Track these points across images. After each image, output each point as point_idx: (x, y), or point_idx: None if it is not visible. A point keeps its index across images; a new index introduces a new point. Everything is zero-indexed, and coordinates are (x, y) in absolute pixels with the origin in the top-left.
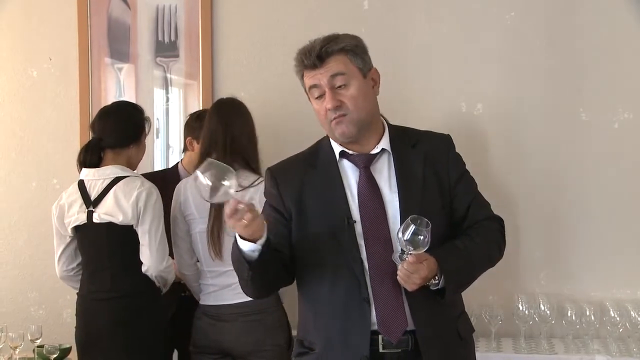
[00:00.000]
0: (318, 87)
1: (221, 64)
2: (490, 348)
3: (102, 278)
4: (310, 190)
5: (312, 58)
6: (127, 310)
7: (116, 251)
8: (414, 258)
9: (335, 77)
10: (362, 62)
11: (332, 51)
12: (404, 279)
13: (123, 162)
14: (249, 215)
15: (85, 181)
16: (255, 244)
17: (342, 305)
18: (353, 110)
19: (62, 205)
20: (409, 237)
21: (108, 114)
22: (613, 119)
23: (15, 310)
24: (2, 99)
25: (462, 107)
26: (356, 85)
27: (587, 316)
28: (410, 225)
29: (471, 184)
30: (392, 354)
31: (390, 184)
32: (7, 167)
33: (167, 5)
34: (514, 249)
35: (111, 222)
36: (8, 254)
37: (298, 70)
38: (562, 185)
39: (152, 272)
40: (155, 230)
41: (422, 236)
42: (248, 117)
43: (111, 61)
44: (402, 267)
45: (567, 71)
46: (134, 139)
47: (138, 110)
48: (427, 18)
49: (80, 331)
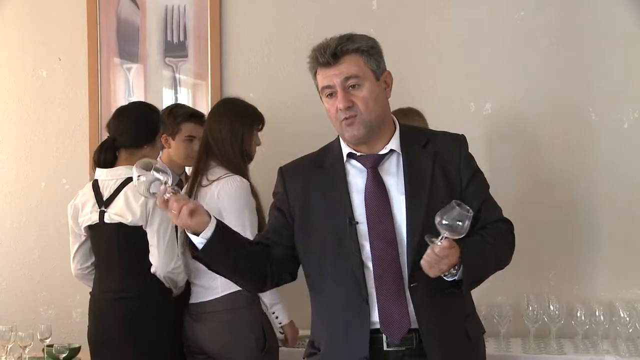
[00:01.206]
0: (331, 87)
1: (230, 64)
2: (499, 348)
3: (112, 278)
4: (315, 190)
5: (326, 56)
6: (135, 311)
7: (126, 251)
8: (449, 242)
9: (348, 79)
10: (376, 64)
11: (347, 50)
12: (432, 264)
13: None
14: (175, 205)
15: (99, 181)
16: (198, 237)
17: (342, 305)
18: (364, 112)
19: (77, 205)
20: (451, 221)
21: (124, 113)
22: (623, 118)
23: (25, 309)
24: (12, 99)
25: (471, 106)
26: (368, 87)
27: (596, 316)
28: (455, 209)
29: (483, 185)
30: (397, 352)
31: (398, 184)
32: (16, 167)
33: (176, 5)
34: (523, 248)
35: (121, 223)
36: (18, 253)
37: (312, 67)
38: (571, 185)
39: (160, 273)
40: (164, 231)
41: (463, 223)
42: (232, 116)
43: (120, 61)
44: (433, 252)
45: (577, 71)
46: (148, 139)
47: (154, 110)
48: (436, 18)
49: (91, 330)
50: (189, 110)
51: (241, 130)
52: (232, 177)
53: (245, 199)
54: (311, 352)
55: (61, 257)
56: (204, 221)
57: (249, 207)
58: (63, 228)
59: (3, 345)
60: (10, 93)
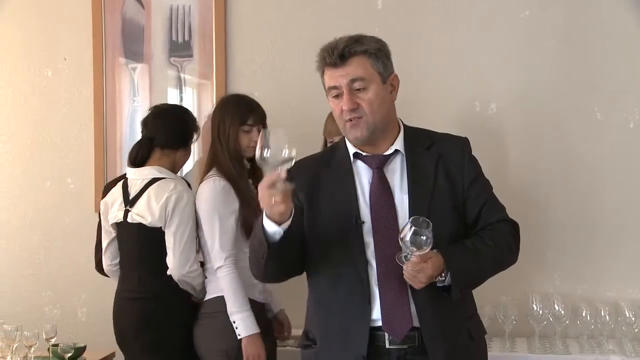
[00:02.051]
0: (337, 87)
1: (235, 64)
2: (504, 348)
3: (131, 277)
4: (322, 189)
5: (334, 56)
6: (151, 312)
7: (145, 252)
8: (418, 258)
9: (354, 81)
10: (383, 66)
11: (355, 52)
12: (410, 279)
13: (168, 164)
14: (279, 197)
15: (128, 180)
16: (279, 227)
17: (343, 303)
18: (368, 114)
19: (107, 202)
20: (410, 237)
21: (164, 114)
22: (628, 118)
23: (30, 309)
24: (17, 98)
25: (476, 106)
26: (374, 89)
27: (601, 316)
28: (410, 227)
29: (485, 186)
30: (399, 350)
31: (402, 184)
32: (21, 167)
33: (181, 5)
34: (528, 248)
35: (141, 223)
36: (23, 253)
37: (319, 66)
38: (576, 185)
39: (175, 275)
40: (180, 235)
41: (424, 236)
42: (221, 113)
43: (125, 61)
44: (407, 268)
45: (582, 70)
46: (184, 142)
47: (191, 116)
48: (441, 17)
49: (113, 327)
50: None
51: (228, 128)
52: (209, 180)
53: (213, 204)
54: (306, 344)
55: (66, 256)
56: (287, 215)
57: (219, 213)
58: (68, 227)
59: (8, 345)
60: (15, 93)
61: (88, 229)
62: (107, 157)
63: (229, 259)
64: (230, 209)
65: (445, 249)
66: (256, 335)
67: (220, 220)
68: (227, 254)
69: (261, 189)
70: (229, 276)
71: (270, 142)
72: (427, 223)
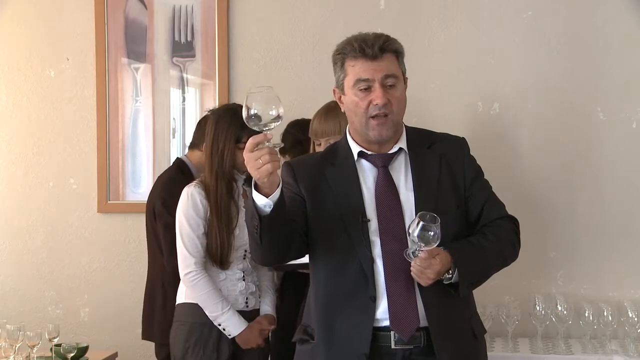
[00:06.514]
0: (368, 80)
1: (237, 64)
2: (507, 348)
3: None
4: (327, 186)
5: (374, 49)
6: None
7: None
8: (426, 254)
9: (388, 77)
10: (404, 68)
11: (390, 49)
12: (418, 275)
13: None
14: (266, 157)
15: None
16: (268, 199)
17: (346, 299)
18: (396, 112)
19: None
20: (419, 233)
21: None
22: (631, 118)
23: (33, 309)
24: (20, 98)
25: (479, 106)
26: (401, 89)
27: (604, 316)
28: (418, 222)
29: (485, 184)
30: (405, 350)
31: (407, 182)
32: (24, 167)
33: (184, 5)
34: (531, 248)
35: None
36: (25, 253)
37: (348, 56)
38: (579, 184)
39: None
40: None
41: (432, 232)
42: (217, 128)
43: (128, 61)
44: (415, 264)
45: (585, 70)
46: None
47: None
48: (443, 17)
49: None
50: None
51: (222, 146)
52: (189, 185)
53: (183, 209)
54: (303, 339)
55: (69, 256)
56: (276, 182)
57: (187, 220)
58: (71, 227)
59: (11, 345)
60: (18, 93)
61: (91, 228)
62: (110, 157)
63: (197, 264)
64: (200, 216)
65: (451, 246)
66: (247, 329)
67: (184, 229)
68: (195, 259)
69: (246, 151)
70: (201, 281)
71: (256, 101)
72: (434, 218)
